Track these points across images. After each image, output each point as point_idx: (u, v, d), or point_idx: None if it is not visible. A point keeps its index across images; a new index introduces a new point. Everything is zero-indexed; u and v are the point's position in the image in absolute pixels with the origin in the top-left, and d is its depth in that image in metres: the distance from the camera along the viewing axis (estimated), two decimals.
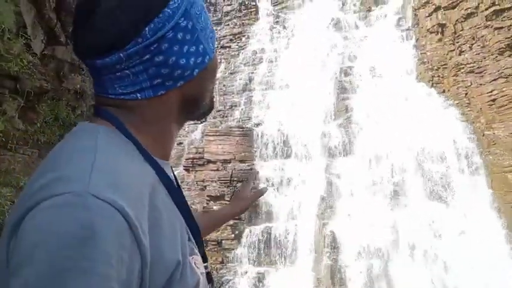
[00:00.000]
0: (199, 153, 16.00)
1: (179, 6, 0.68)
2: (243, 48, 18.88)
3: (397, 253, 11.13)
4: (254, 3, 20.17)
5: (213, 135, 16.01)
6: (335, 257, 11.85)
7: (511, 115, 12.39)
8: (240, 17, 20.00)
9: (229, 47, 19.07)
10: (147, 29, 0.65)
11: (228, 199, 14.29)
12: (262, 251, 12.69)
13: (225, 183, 14.57)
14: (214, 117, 18.16)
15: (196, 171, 15.72)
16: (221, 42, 19.13)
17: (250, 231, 13.15)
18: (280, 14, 19.51)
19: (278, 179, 14.10)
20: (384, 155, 12.93)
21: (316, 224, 12.57)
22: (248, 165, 14.91)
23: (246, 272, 12.34)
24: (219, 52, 19.02)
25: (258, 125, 16.14)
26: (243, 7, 19.89)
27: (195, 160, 15.86)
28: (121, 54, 0.65)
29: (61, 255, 0.49)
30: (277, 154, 14.91)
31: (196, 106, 0.77)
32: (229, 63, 18.77)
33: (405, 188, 12.44)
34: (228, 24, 19.61)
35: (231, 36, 19.23)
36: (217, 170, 15.10)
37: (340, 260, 11.71)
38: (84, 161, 0.57)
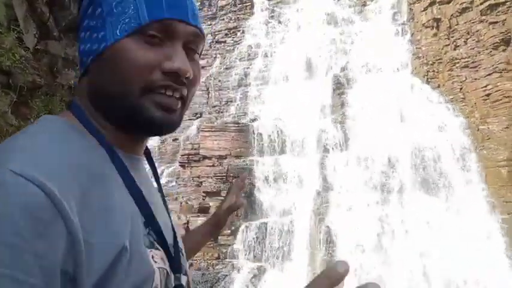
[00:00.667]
0: (195, 149, 15.96)
1: None
2: (238, 43, 18.80)
3: (392, 247, 11.20)
4: None
5: (209, 131, 15.96)
6: (331, 252, 11.91)
7: (505, 110, 12.46)
8: (235, 11, 19.88)
9: (225, 41, 18.98)
10: (82, 19, 0.69)
11: (224, 195, 14.28)
12: (258, 247, 12.72)
13: (221, 179, 14.55)
14: (209, 113, 18.10)
15: (192, 167, 15.67)
16: (216, 37, 19.04)
17: (246, 227, 13.16)
18: (275, 8, 19.42)
19: (274, 175, 14.11)
20: (379, 150, 12.96)
21: (312, 219, 12.61)
22: (244, 161, 14.90)
23: (242, 268, 12.37)
24: (214, 47, 18.92)
25: (253, 120, 16.11)
26: (238, 1, 19.77)
27: (190, 156, 15.81)
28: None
29: None
30: (273, 149, 14.91)
31: (103, 104, 0.66)
32: (224, 58, 18.69)
33: (400, 183, 12.49)
34: (223, 19, 19.50)
35: (226, 31, 19.14)
36: (213, 165, 15.08)
37: (336, 255, 11.77)
38: (13, 143, 0.57)
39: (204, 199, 14.52)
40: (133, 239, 0.60)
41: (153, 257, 0.64)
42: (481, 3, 13.37)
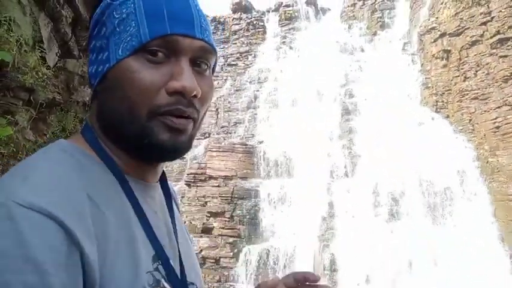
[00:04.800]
0: (201, 168, 15.99)
1: (96, 13, 0.65)
2: (249, 67, 19.12)
3: (397, 276, 10.93)
4: (262, 24, 20.53)
5: (216, 151, 16.03)
6: (335, 279, 11.66)
7: None
8: (247, 36, 20.32)
9: (236, 64, 19.32)
10: (90, 40, 0.66)
11: (229, 216, 14.21)
12: (260, 271, 12.51)
13: (225, 199, 14.50)
14: (217, 133, 18.23)
15: (198, 186, 15.66)
16: (228, 60, 19.39)
17: (249, 250, 13.00)
18: (287, 34, 19.82)
19: (279, 198, 14.03)
20: (385, 178, 12.86)
21: (316, 245, 12.42)
22: (250, 183, 14.87)
23: None
24: (225, 70, 19.26)
25: (261, 142, 16.18)
26: (251, 27, 20.23)
27: (196, 175, 15.83)
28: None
29: None
30: (279, 173, 14.88)
31: (109, 130, 0.63)
32: (235, 80, 18.98)
33: (406, 212, 12.32)
34: (236, 43, 19.92)
35: (237, 55, 19.51)
36: (219, 186, 15.06)
37: (340, 283, 11.52)
38: (21, 173, 0.53)
39: (208, 219, 14.44)
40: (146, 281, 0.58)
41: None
42: (491, 37, 13.49)
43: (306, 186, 13.75)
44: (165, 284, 0.60)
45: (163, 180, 0.74)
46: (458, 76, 14.33)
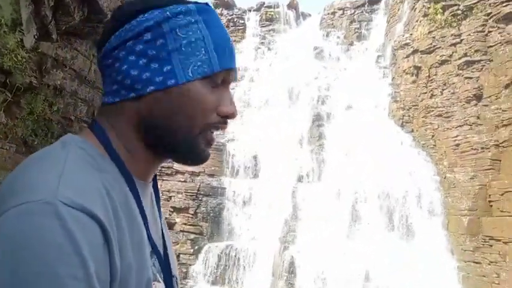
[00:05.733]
0: (169, 162, 15.71)
1: (148, 20, 0.68)
2: None
3: (354, 282, 11.27)
4: (243, 22, 20.49)
5: None
6: (291, 282, 11.86)
7: (472, 161, 13.03)
8: None
9: None
10: (112, 37, 0.69)
11: (192, 212, 14.10)
12: (219, 270, 12.50)
13: (191, 195, 14.38)
14: None
15: (163, 180, 15.43)
16: None
17: (210, 248, 12.96)
18: (266, 35, 19.89)
19: (245, 198, 14.08)
20: (349, 186, 13.22)
21: (277, 247, 12.58)
22: (216, 180, 14.82)
23: None
24: None
25: (231, 141, 16.16)
26: (231, 24, 20.14)
27: (163, 169, 15.58)
28: (99, 55, 0.72)
29: (34, 264, 0.50)
30: (246, 172, 14.93)
31: (158, 134, 0.69)
32: None
33: (367, 221, 12.72)
34: None
35: None
36: (185, 181, 14.90)
37: (297, 285, 11.73)
38: (54, 171, 0.58)
39: (171, 214, 14.26)
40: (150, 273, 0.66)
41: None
42: (459, 58, 14.17)
43: (271, 188, 13.88)
44: (160, 278, 0.70)
45: (154, 180, 0.82)
46: (426, 93, 14.94)
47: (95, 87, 4.74)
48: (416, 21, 16.13)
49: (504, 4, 13.37)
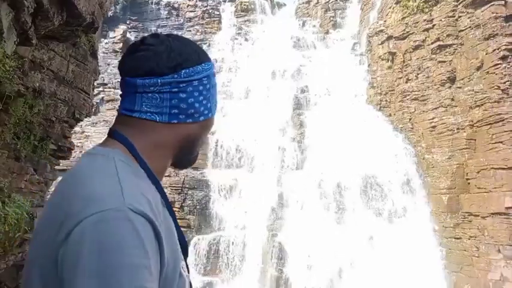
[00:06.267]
0: None
1: (207, 70, 0.93)
2: None
3: (341, 266, 11.59)
4: (218, 13, 20.34)
5: None
6: (281, 268, 12.10)
7: (448, 142, 13.48)
8: (202, 24, 20.05)
9: None
10: (183, 71, 0.88)
11: (179, 206, 14.12)
12: (209, 261, 12.63)
13: (176, 189, 14.37)
14: None
15: None
16: None
17: (199, 240, 13.05)
18: (243, 26, 19.83)
19: (230, 189, 14.18)
20: (332, 171, 13.49)
21: (265, 235, 12.77)
22: (201, 173, 14.85)
23: (192, 282, 12.19)
24: None
25: (213, 133, 16.16)
26: (206, 15, 19.97)
27: None
28: (158, 80, 0.87)
29: (116, 257, 0.66)
30: (230, 163, 15.00)
31: (190, 148, 0.95)
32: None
33: (351, 205, 13.03)
34: (190, 31, 19.58)
35: None
36: (169, 176, 14.85)
37: (286, 272, 11.97)
38: (113, 183, 0.75)
39: None
40: (179, 256, 0.84)
41: (182, 267, 0.85)
42: (432, 43, 14.51)
43: (256, 177, 14.02)
44: (183, 257, 0.87)
45: None
46: (401, 78, 15.28)
47: (74, 87, 4.71)
48: (390, 8, 16.40)
49: None
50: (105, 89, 17.47)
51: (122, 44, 18.29)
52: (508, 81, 12.13)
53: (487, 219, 11.35)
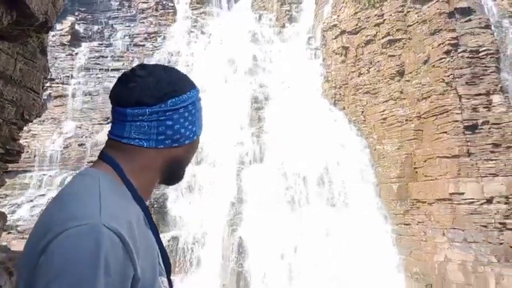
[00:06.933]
0: None
1: (192, 97, 1.01)
2: (158, 49, 18.42)
3: (300, 257, 11.91)
4: (172, 5, 19.82)
5: None
6: (242, 262, 12.21)
7: (397, 133, 14.20)
8: (156, 16, 19.46)
9: (144, 45, 18.44)
10: (169, 101, 0.96)
11: None
12: (170, 259, 12.46)
13: None
14: None
15: None
16: (134, 40, 18.39)
17: None
18: (198, 18, 19.49)
19: (188, 185, 14.03)
20: (290, 165, 13.76)
21: (225, 230, 12.80)
22: None
23: None
24: (132, 50, 18.27)
25: None
26: (160, 6, 19.40)
27: None
28: (147, 110, 0.94)
29: (84, 269, 0.73)
30: None
31: (176, 168, 1.02)
32: (142, 62, 18.12)
33: (308, 196, 13.39)
34: (143, 22, 18.95)
35: (145, 35, 18.61)
36: None
37: (247, 265, 12.10)
38: (93, 202, 0.82)
39: None
40: (157, 273, 0.88)
41: (162, 282, 0.91)
42: (382, 38, 15.13)
43: (215, 173, 13.98)
44: (163, 273, 0.94)
45: None
46: (354, 72, 15.82)
47: (22, 86, 4.42)
48: (343, 2, 16.85)
49: None
50: (53, 85, 16.51)
51: (70, 36, 17.33)
52: (452, 74, 12.93)
53: (433, 205, 12.14)
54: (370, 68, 15.44)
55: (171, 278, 0.99)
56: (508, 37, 14.77)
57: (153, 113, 0.94)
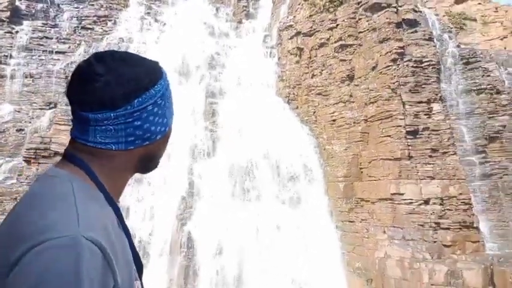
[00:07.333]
0: (45, 143, 14.16)
1: (160, 89, 0.94)
2: (108, 34, 17.50)
3: (250, 252, 12.04)
4: None
5: (65, 124, 14.39)
6: (190, 257, 12.09)
7: (346, 134, 14.83)
8: None
9: (92, 29, 17.41)
10: (136, 100, 0.89)
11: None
12: None
13: None
14: (66, 104, 16.26)
15: (40, 163, 13.83)
16: (83, 23, 17.31)
17: None
18: (152, 5, 18.81)
19: (137, 179, 13.56)
20: (242, 160, 13.83)
21: (174, 224, 12.58)
22: None
23: None
24: (79, 33, 17.19)
25: None
26: None
27: (38, 151, 13.95)
28: (111, 114, 0.87)
29: (64, 285, 0.68)
30: None
31: (150, 162, 0.99)
32: (90, 46, 17.10)
33: (258, 192, 13.55)
34: (93, 5, 17.89)
35: (95, 18, 17.59)
36: None
37: (195, 260, 12.00)
38: (69, 210, 0.76)
39: None
40: (133, 277, 0.85)
41: (138, 286, 0.87)
42: (335, 42, 15.67)
43: (166, 166, 13.63)
44: (137, 277, 0.90)
45: None
46: (308, 73, 16.23)
47: None
48: (299, 4, 17.19)
49: None
50: None
51: (9, 12, 15.90)
52: (397, 81, 13.75)
53: (376, 204, 12.87)
54: (322, 70, 15.93)
55: None
56: (447, 50, 16.02)
57: (119, 117, 0.87)
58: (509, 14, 19.04)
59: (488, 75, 15.53)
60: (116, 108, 0.86)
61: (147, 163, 0.97)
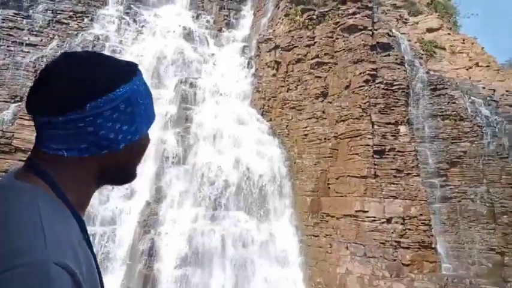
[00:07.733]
0: (7, 138, 13.57)
1: (123, 94, 0.88)
2: (84, 30, 17.09)
3: (215, 263, 11.91)
4: None
5: (29, 120, 13.81)
6: (151, 265, 11.80)
7: (316, 149, 15.06)
8: None
9: (68, 24, 16.95)
10: (88, 105, 0.84)
11: None
12: None
13: None
14: None
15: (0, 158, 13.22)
16: (58, 17, 16.82)
17: None
18: (132, 5, 18.56)
19: None
20: (213, 169, 13.74)
21: (136, 231, 12.28)
22: None
23: None
24: (53, 27, 16.70)
25: None
26: None
27: None
28: (60, 118, 0.82)
29: None
30: None
31: (118, 173, 0.93)
32: (63, 41, 16.63)
33: (228, 202, 13.49)
34: (70, 0, 17.45)
35: (71, 13, 17.14)
36: None
37: (156, 269, 11.73)
38: (37, 232, 0.73)
39: None
40: None
41: None
42: (312, 59, 16.00)
43: None
44: None
45: None
46: (284, 86, 16.44)
47: None
48: (279, 19, 17.47)
49: (349, 17, 15.62)
50: None
51: None
52: (368, 102, 14.16)
53: (340, 220, 13.09)
54: (298, 85, 16.18)
55: None
56: (417, 75, 16.70)
57: (69, 121, 0.82)
58: (475, 46, 20.12)
59: (454, 103, 16.30)
60: (66, 112, 0.82)
61: (114, 173, 0.92)
